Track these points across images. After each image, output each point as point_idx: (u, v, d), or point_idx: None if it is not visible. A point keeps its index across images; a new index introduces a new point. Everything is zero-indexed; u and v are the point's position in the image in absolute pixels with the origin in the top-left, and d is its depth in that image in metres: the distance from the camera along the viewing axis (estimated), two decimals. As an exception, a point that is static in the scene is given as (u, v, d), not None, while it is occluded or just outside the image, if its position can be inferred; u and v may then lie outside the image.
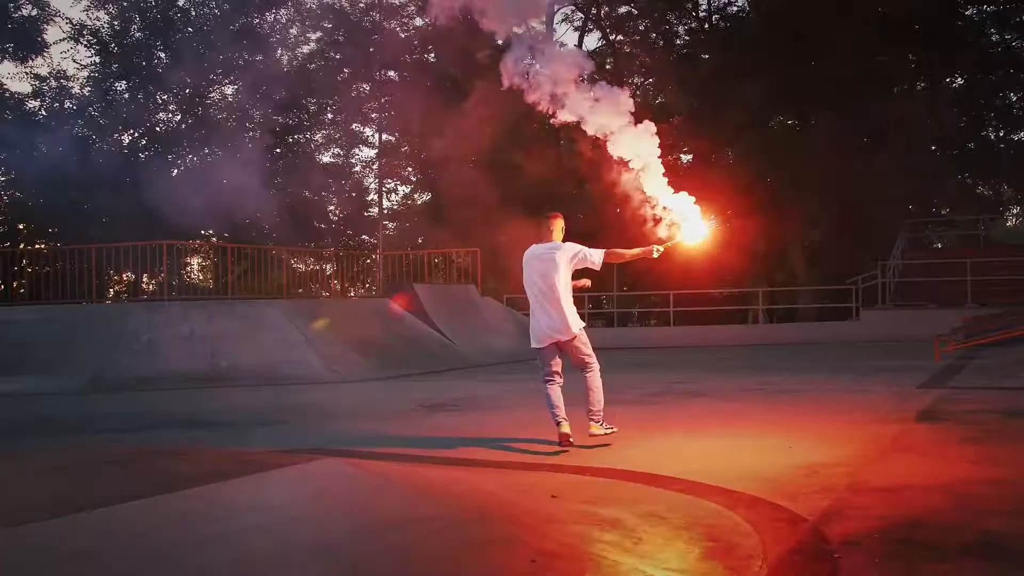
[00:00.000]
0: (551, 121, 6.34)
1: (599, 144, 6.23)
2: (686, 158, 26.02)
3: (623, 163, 6.13)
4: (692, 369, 12.53)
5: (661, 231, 6.24)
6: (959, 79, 24.88)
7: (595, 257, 5.87)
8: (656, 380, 10.73)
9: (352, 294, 20.67)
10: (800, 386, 9.54)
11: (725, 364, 13.32)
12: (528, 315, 6.09)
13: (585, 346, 5.91)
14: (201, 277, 26.80)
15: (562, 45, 26.96)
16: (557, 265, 5.76)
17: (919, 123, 21.15)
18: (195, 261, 27.35)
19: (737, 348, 17.04)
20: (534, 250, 5.94)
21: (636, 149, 6.04)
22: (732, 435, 6.31)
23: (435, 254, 21.50)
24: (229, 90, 22.18)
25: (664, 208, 6.17)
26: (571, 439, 5.71)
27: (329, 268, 22.80)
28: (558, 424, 5.78)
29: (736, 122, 19.87)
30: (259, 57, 21.02)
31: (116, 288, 20.88)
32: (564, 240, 5.99)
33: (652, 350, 17.43)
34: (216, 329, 13.57)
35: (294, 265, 22.78)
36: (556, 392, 5.86)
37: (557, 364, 5.91)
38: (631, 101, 6.20)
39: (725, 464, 5.17)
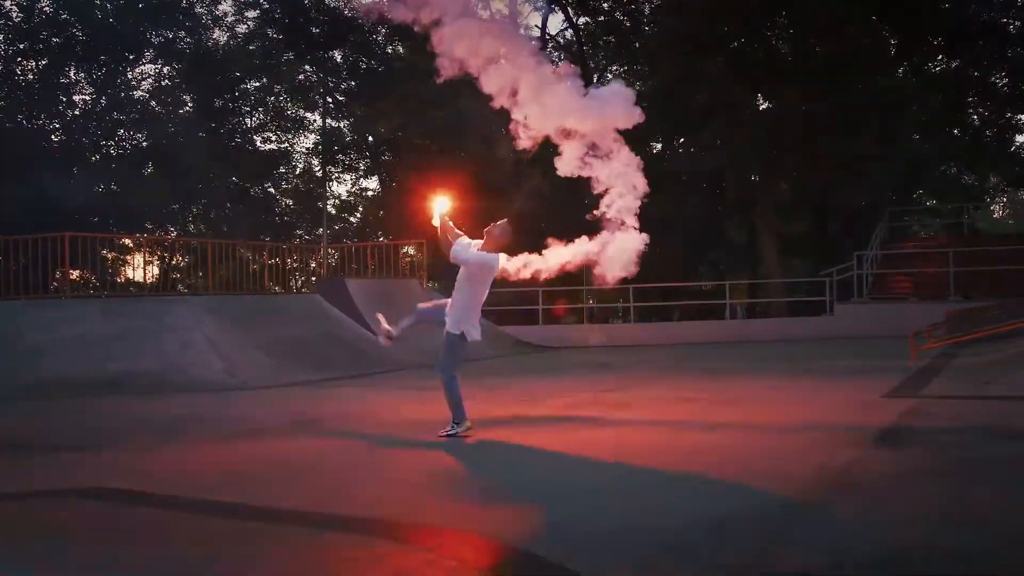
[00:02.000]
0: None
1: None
2: (657, 146, 24.68)
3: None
4: (639, 371, 11.17)
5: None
6: (942, 62, 23.49)
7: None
8: (590, 386, 9.37)
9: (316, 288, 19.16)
10: (749, 393, 8.16)
11: (678, 365, 11.98)
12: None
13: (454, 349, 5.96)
14: (141, 273, 25.12)
15: (526, 28, 25.58)
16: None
17: (899, 104, 19.77)
18: (139, 257, 25.75)
19: (704, 346, 15.73)
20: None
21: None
22: (638, 465, 4.90)
23: (382, 246, 19.99)
24: (149, 67, 20.31)
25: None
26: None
27: (290, 262, 21.47)
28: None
29: (701, 103, 18.29)
30: (182, 34, 19.34)
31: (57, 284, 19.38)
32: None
33: (619, 349, 16.10)
34: (114, 329, 12.14)
35: (243, 258, 21.33)
36: None
37: None
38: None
39: (603, 515, 3.76)
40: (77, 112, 18.38)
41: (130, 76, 19.44)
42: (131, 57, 18.91)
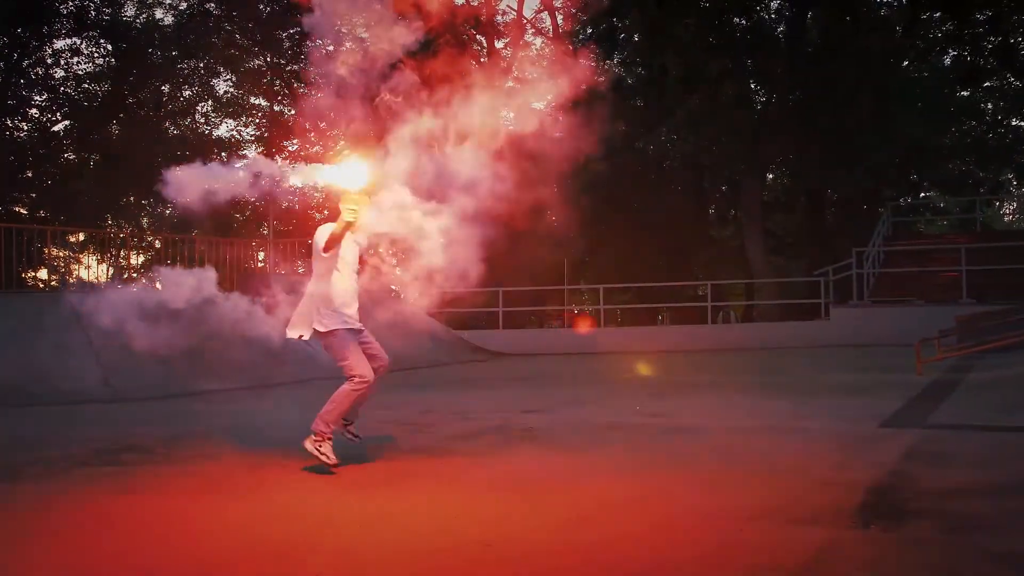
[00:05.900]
0: None
1: None
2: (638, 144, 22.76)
3: None
4: (584, 387, 9.31)
5: None
6: (951, 32, 21.14)
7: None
8: (512, 405, 7.55)
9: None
10: (700, 421, 6.24)
11: (636, 379, 10.18)
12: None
13: (332, 351, 4.92)
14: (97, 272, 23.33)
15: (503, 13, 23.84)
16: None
17: (901, 76, 17.70)
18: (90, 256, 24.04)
19: (681, 354, 13.89)
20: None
21: None
22: (465, 560, 3.04)
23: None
24: (65, 42, 18.31)
25: None
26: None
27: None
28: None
29: (676, 77, 16.22)
30: (98, 2, 17.51)
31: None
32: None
33: (583, 356, 14.30)
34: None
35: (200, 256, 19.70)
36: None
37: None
38: None
39: None
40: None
41: (47, 52, 17.61)
42: (45, 30, 17.03)
